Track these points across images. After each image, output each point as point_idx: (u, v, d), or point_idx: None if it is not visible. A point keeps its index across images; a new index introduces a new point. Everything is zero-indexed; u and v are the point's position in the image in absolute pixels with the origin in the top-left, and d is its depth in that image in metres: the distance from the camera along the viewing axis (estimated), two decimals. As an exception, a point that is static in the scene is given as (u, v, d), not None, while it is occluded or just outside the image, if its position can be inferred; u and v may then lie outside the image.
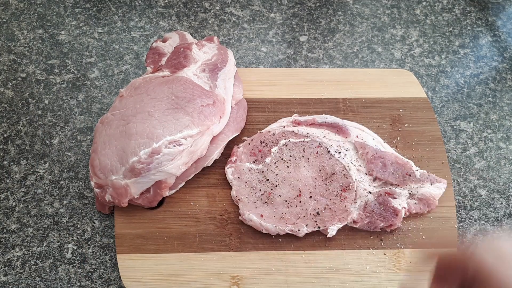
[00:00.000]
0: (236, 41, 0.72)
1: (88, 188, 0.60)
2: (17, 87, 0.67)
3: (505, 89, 0.69)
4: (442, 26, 0.75)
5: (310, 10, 0.76)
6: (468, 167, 0.63)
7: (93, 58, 0.70)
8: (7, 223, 0.57)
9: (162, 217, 0.55)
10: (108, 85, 0.68)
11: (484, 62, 0.72)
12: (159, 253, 0.53)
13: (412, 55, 0.72)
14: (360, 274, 0.52)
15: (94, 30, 0.72)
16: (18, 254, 0.56)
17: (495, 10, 0.77)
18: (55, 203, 0.59)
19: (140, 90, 0.55)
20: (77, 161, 0.62)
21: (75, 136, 0.63)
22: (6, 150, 0.62)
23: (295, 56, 0.71)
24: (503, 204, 0.61)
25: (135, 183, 0.51)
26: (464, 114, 0.67)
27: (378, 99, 0.63)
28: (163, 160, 0.50)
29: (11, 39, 0.71)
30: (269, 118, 0.62)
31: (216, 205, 0.56)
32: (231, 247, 0.54)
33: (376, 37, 0.74)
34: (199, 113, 0.53)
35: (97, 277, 0.55)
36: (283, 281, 0.52)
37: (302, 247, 0.54)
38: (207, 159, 0.56)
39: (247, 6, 0.76)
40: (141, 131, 0.51)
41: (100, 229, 0.57)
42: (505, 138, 0.65)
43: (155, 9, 0.75)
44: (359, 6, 0.77)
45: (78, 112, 0.65)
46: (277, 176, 0.56)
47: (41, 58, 0.70)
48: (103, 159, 0.51)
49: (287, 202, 0.54)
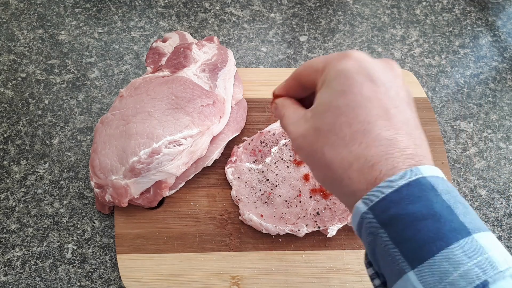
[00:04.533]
0: (236, 41, 0.72)
1: (88, 188, 0.60)
2: (17, 87, 0.67)
3: (505, 89, 0.69)
4: (442, 26, 0.75)
5: (310, 10, 0.76)
6: (468, 167, 0.63)
7: (93, 58, 0.70)
8: (7, 223, 0.57)
9: (162, 217, 0.55)
10: (108, 85, 0.68)
11: (484, 62, 0.72)
12: (159, 253, 0.53)
13: (412, 55, 0.72)
14: (360, 274, 0.52)
15: (94, 30, 0.72)
16: (18, 254, 0.56)
17: (495, 10, 0.77)
18: (55, 203, 0.59)
19: (140, 90, 0.55)
20: (77, 161, 0.62)
21: (75, 136, 0.63)
22: (6, 150, 0.62)
23: (295, 56, 0.71)
24: (503, 204, 0.61)
25: (135, 183, 0.51)
26: (464, 114, 0.67)
27: (378, 99, 0.63)
28: (163, 160, 0.50)
29: (11, 39, 0.71)
30: (269, 118, 0.62)
31: (216, 205, 0.56)
32: (231, 247, 0.54)
33: (376, 37, 0.74)
34: (199, 113, 0.53)
35: (97, 277, 0.55)
36: (283, 281, 0.52)
37: (302, 247, 0.54)
38: (207, 159, 0.56)
39: (247, 6, 0.76)
40: (141, 131, 0.51)
41: (100, 229, 0.57)
42: (505, 138, 0.65)
43: (155, 9, 0.75)
44: (359, 6, 0.77)
45: (78, 112, 0.65)
46: (277, 176, 0.56)
47: (41, 58, 0.70)
48: (103, 159, 0.51)
49: (287, 202, 0.54)
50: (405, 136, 0.27)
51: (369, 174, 0.27)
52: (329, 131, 0.29)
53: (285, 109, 0.35)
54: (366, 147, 0.27)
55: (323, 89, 0.30)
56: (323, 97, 0.30)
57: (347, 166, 0.28)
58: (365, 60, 0.30)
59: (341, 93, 0.29)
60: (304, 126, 0.31)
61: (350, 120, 0.28)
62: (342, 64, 0.29)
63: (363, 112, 0.28)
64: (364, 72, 0.29)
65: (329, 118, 0.29)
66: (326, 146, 0.29)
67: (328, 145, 0.29)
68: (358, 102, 0.28)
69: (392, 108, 0.28)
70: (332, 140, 0.29)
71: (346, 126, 0.28)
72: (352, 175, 0.27)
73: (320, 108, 0.30)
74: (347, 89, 0.29)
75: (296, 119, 0.33)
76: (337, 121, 0.28)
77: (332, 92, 0.29)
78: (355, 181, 0.27)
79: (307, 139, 0.31)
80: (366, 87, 0.29)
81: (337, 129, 0.28)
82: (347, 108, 0.28)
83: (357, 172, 0.27)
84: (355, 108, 0.28)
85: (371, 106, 0.28)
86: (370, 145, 0.27)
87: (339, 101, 0.29)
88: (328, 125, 0.29)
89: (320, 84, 0.31)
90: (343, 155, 0.28)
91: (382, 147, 0.27)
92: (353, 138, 0.28)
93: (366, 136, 0.27)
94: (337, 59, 0.30)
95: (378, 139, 0.27)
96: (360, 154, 0.27)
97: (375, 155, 0.27)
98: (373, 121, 0.28)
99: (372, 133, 0.27)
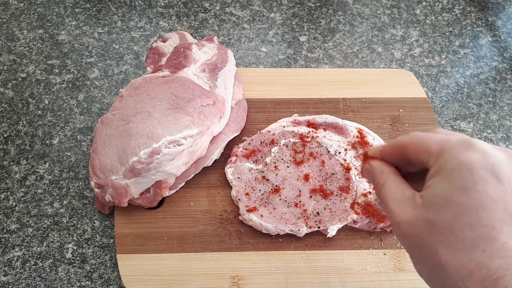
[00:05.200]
0: (236, 41, 0.72)
1: (88, 188, 0.60)
2: (17, 87, 0.67)
3: (505, 89, 0.69)
4: (442, 26, 0.75)
5: (310, 10, 0.76)
6: (468, 167, 0.63)
7: (93, 58, 0.70)
8: (7, 223, 0.57)
9: (162, 217, 0.55)
10: (108, 85, 0.68)
11: (484, 62, 0.72)
12: (159, 253, 0.53)
13: (412, 55, 0.72)
14: (360, 274, 0.52)
15: (94, 30, 0.72)
16: (18, 254, 0.56)
17: (495, 10, 0.77)
18: (55, 203, 0.59)
19: (140, 90, 0.55)
20: (77, 161, 0.62)
21: (75, 136, 0.63)
22: (6, 150, 0.62)
23: (295, 56, 0.71)
24: (503, 204, 0.61)
25: (135, 183, 0.51)
26: (464, 114, 0.67)
27: (378, 99, 0.63)
28: (163, 160, 0.50)
29: (11, 39, 0.71)
30: (269, 118, 0.62)
31: (216, 205, 0.56)
32: (231, 247, 0.54)
33: (376, 37, 0.74)
34: (199, 113, 0.53)
35: (97, 277, 0.55)
36: (283, 281, 0.52)
37: (302, 247, 0.54)
38: (207, 159, 0.56)
39: (247, 6, 0.76)
40: (141, 131, 0.51)
41: (100, 229, 0.57)
42: (505, 138, 0.65)
43: (155, 9, 0.75)
44: (359, 6, 0.77)
45: (78, 112, 0.65)
46: (277, 176, 0.56)
47: (41, 58, 0.70)
48: (103, 159, 0.51)
49: (287, 202, 0.54)
50: None
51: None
52: (446, 229, 0.26)
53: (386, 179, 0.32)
54: (490, 257, 0.24)
55: (441, 179, 0.27)
56: (441, 188, 0.27)
57: (466, 275, 0.25)
58: (491, 153, 0.27)
59: (463, 189, 0.26)
60: (412, 212, 0.28)
61: (472, 222, 0.25)
62: (466, 155, 0.27)
63: (488, 215, 0.25)
64: (490, 168, 0.26)
65: (447, 215, 0.26)
66: (441, 246, 0.26)
67: (444, 245, 0.26)
68: (482, 203, 0.25)
69: None
70: (449, 241, 0.26)
71: (467, 228, 0.25)
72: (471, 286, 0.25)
73: (436, 200, 0.27)
74: (470, 186, 0.26)
75: (401, 199, 0.30)
76: (457, 221, 0.26)
77: (452, 186, 0.26)
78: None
79: (415, 228, 0.28)
80: (491, 186, 0.26)
81: (456, 230, 0.26)
82: (469, 208, 0.26)
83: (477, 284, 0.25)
84: (478, 209, 0.25)
85: (496, 208, 0.25)
86: (495, 255, 0.24)
87: (460, 198, 0.26)
88: (445, 223, 0.26)
89: (435, 171, 0.28)
90: (462, 261, 0.25)
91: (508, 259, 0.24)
92: (475, 243, 0.25)
93: (490, 243, 0.25)
94: (459, 148, 0.27)
95: (504, 249, 0.24)
96: (483, 264, 0.24)
97: (499, 268, 0.24)
98: (498, 226, 0.25)
99: (497, 241, 0.25)
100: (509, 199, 0.25)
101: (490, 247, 0.25)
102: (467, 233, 0.25)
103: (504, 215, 0.25)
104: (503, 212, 0.25)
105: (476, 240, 0.25)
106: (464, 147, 0.27)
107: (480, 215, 0.25)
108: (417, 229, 0.28)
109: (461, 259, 0.25)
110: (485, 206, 0.25)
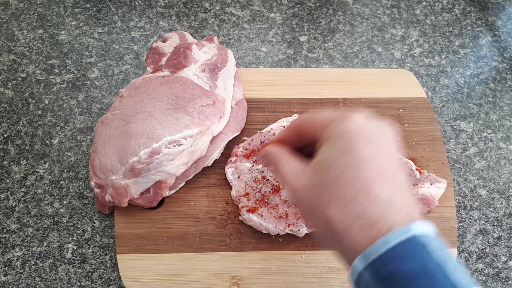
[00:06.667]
0: (236, 41, 0.72)
1: (88, 188, 0.60)
2: (17, 87, 0.67)
3: (505, 89, 0.69)
4: (442, 26, 0.75)
5: (310, 10, 0.76)
6: (468, 167, 0.63)
7: (93, 58, 0.70)
8: (7, 223, 0.57)
9: (162, 217, 0.55)
10: (108, 85, 0.68)
11: (484, 62, 0.72)
12: (159, 253, 0.53)
13: (412, 55, 0.72)
14: (360, 274, 0.52)
15: (94, 30, 0.72)
16: (18, 254, 0.56)
17: (495, 10, 0.77)
18: (55, 203, 0.59)
19: (140, 90, 0.55)
20: (77, 161, 0.62)
21: (75, 136, 0.63)
22: (6, 150, 0.62)
23: (295, 56, 0.71)
24: (503, 204, 0.61)
25: (135, 183, 0.51)
26: (464, 114, 0.67)
27: (378, 99, 0.63)
28: (163, 160, 0.50)
29: (11, 39, 0.71)
30: (269, 118, 0.62)
31: (216, 205, 0.56)
32: (231, 247, 0.54)
33: (376, 37, 0.74)
34: (199, 113, 0.53)
35: (97, 277, 0.55)
36: (283, 281, 0.52)
37: (302, 247, 0.54)
38: (207, 159, 0.56)
39: (247, 6, 0.76)
40: (141, 131, 0.51)
41: (100, 229, 0.57)
42: (505, 138, 0.65)
43: (155, 9, 0.75)
44: (359, 6, 0.77)
45: (78, 112, 0.65)
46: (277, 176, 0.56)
47: (41, 58, 0.70)
48: (103, 159, 0.51)
49: (287, 202, 0.54)
50: (400, 197, 0.29)
51: (368, 234, 0.28)
52: (331, 188, 0.30)
53: (280, 159, 0.36)
54: (366, 207, 0.29)
55: (327, 146, 0.32)
56: (326, 153, 0.31)
57: (347, 225, 0.29)
58: (366, 123, 0.32)
59: (343, 152, 0.30)
60: (304, 179, 0.32)
61: (351, 179, 0.29)
62: (345, 125, 0.31)
63: (363, 173, 0.29)
64: (365, 134, 0.31)
65: (332, 176, 0.30)
66: (327, 203, 0.30)
67: (329, 202, 0.30)
68: (358, 163, 0.30)
69: (388, 169, 0.30)
70: (333, 198, 0.30)
71: (347, 185, 0.29)
72: (352, 234, 0.29)
73: (323, 163, 0.31)
74: (349, 149, 0.30)
75: (295, 170, 0.34)
76: (339, 179, 0.30)
77: (335, 150, 0.31)
78: (355, 240, 0.29)
79: (307, 192, 0.32)
80: (366, 148, 0.30)
81: (338, 188, 0.30)
82: (348, 168, 0.30)
83: (357, 232, 0.28)
84: (355, 168, 0.30)
85: (369, 167, 0.30)
86: (369, 206, 0.29)
87: (341, 159, 0.30)
88: (330, 183, 0.30)
89: (322, 142, 0.32)
90: (344, 214, 0.29)
91: (380, 208, 0.28)
92: (354, 197, 0.29)
93: (365, 196, 0.29)
94: (340, 120, 0.32)
95: (377, 200, 0.29)
96: (361, 214, 0.28)
97: (374, 216, 0.28)
98: (371, 182, 0.29)
99: (371, 194, 0.29)
100: (380, 159, 0.30)
101: (365, 199, 0.29)
102: (347, 190, 0.29)
103: (376, 172, 0.30)
104: (375, 170, 0.30)
105: (355, 194, 0.29)
106: (344, 119, 0.32)
107: (357, 173, 0.29)
108: (309, 192, 0.32)
109: (343, 212, 0.29)
110: (361, 165, 0.30)
